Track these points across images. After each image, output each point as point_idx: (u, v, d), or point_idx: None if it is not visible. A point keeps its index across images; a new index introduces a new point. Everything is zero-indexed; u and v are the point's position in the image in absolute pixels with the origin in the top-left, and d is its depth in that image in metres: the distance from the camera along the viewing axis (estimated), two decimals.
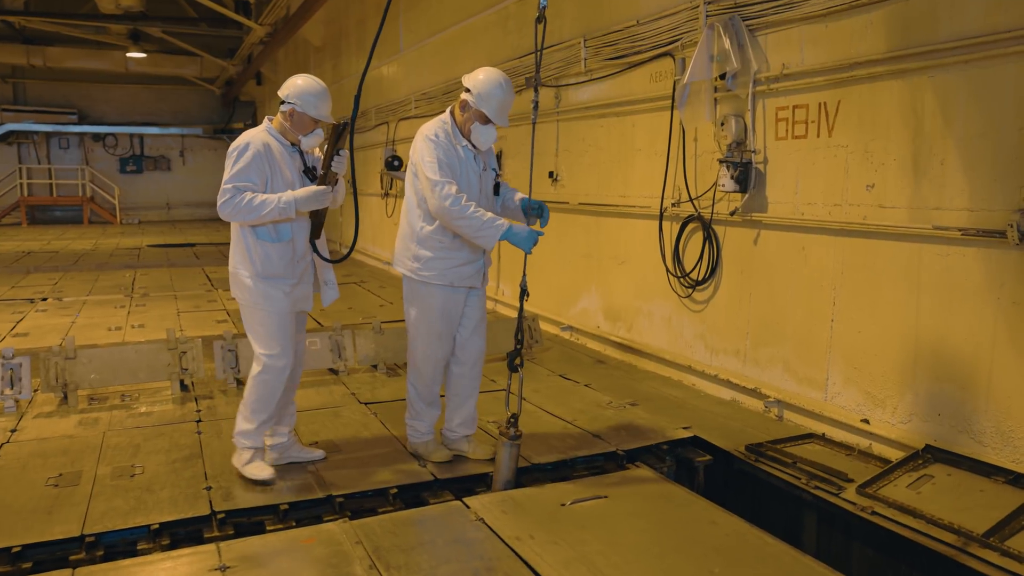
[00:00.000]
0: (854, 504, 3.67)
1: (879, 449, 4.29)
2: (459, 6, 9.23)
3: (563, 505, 3.67)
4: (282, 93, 3.94)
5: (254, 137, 3.84)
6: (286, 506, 3.73)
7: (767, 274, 5.06)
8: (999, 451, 3.76)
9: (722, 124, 5.14)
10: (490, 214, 3.86)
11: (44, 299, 9.54)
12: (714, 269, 5.45)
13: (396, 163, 10.93)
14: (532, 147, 4.27)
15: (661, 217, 5.84)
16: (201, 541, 3.51)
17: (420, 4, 10.49)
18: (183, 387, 5.65)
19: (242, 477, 4.00)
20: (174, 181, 24.83)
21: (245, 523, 3.70)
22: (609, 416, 5.01)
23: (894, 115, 4.17)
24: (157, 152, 24.65)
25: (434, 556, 3.21)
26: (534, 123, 4.05)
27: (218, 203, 3.75)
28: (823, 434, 4.58)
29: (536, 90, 4.02)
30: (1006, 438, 3.73)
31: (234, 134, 22.24)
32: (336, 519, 3.69)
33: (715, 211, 5.37)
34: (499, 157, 8.52)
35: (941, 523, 3.36)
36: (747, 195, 5.07)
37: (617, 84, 6.43)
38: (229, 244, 4.09)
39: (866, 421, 4.38)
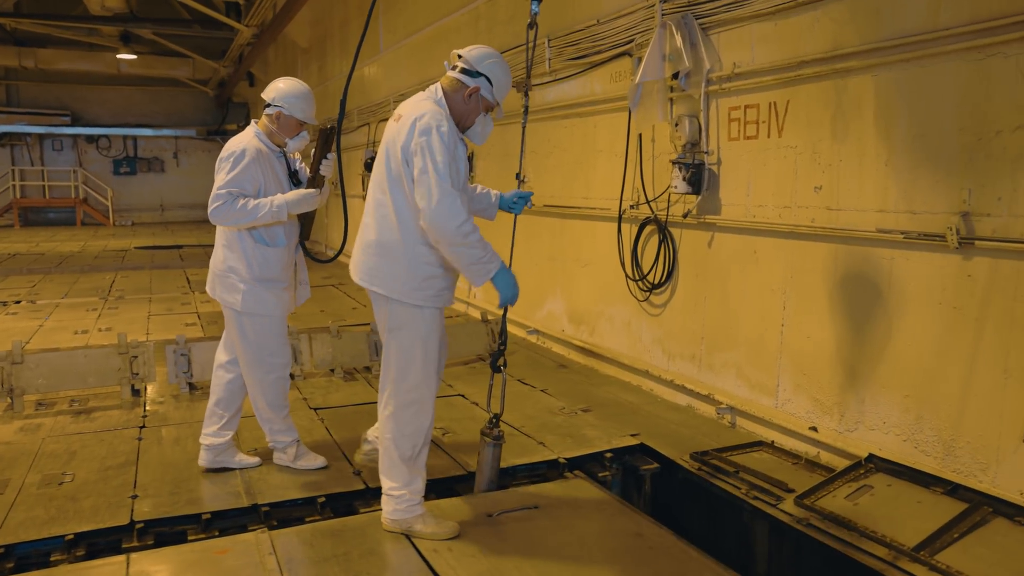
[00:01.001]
0: (791, 515, 3.56)
1: (827, 458, 4.18)
2: (433, 7, 9.15)
3: (490, 516, 3.57)
4: (267, 96, 3.94)
5: (247, 143, 3.87)
6: (208, 515, 3.64)
7: (721, 278, 4.95)
8: (941, 461, 3.65)
9: (676, 125, 5.04)
10: (489, 245, 3.20)
11: (17, 302, 9.48)
12: (671, 273, 5.35)
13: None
14: (522, 149, 4.09)
15: (620, 219, 5.74)
16: (120, 552, 3.43)
17: (398, 4, 10.42)
18: (134, 392, 5.57)
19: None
20: (168, 183, 24.81)
21: (167, 533, 3.60)
22: (558, 423, 4.91)
23: (840, 115, 4.07)
24: (151, 154, 24.63)
25: (345, 569, 3.12)
26: (524, 125, 3.93)
27: (210, 208, 3.79)
28: (772, 442, 4.47)
29: (527, 94, 3.95)
30: (947, 447, 3.62)
31: (227, 135, 22.22)
32: (261, 529, 3.61)
33: (670, 213, 5.27)
34: (471, 159, 8.46)
35: (874, 536, 3.26)
36: (700, 197, 4.97)
37: (579, 84, 6.33)
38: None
39: (814, 429, 4.28)
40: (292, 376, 5.90)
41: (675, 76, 4.99)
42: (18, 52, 19.98)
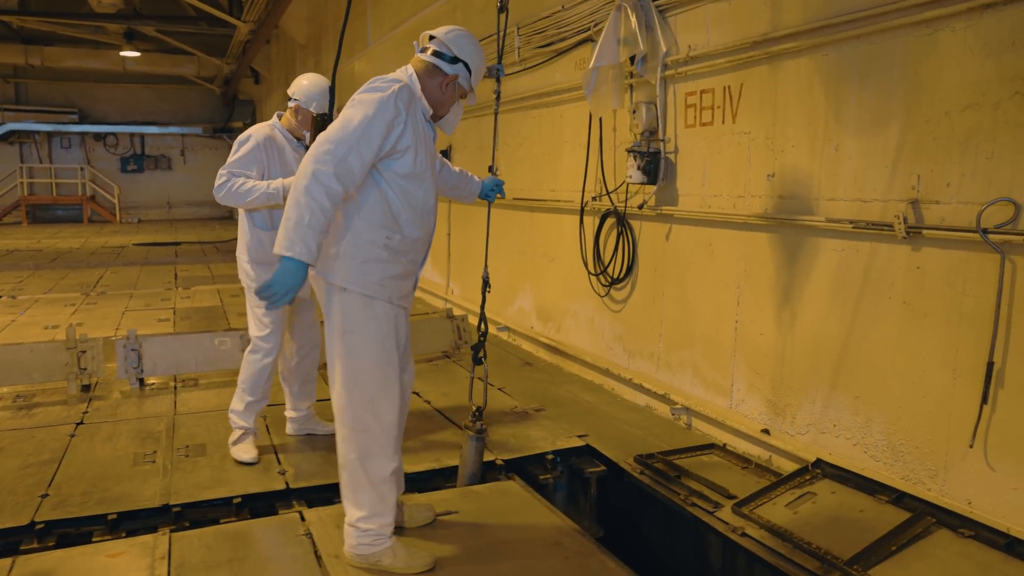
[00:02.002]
0: (726, 524, 3.33)
1: (778, 462, 3.94)
2: None
3: (400, 526, 3.37)
4: (290, 91, 4.17)
5: (257, 131, 4.10)
6: (114, 516, 3.48)
7: (679, 272, 4.72)
8: (890, 466, 3.40)
9: (634, 112, 4.82)
10: (318, 236, 2.66)
11: None
12: (631, 267, 5.13)
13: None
14: (495, 139, 3.93)
15: (582, 212, 5.52)
16: (18, 553, 3.28)
17: None
18: (85, 388, 5.45)
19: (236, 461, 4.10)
20: (175, 180, 24.86)
21: (73, 534, 3.45)
22: (507, 422, 4.70)
23: (791, 98, 3.83)
24: (158, 151, 24.70)
25: (237, 575, 2.94)
26: (496, 114, 3.76)
27: (214, 187, 4.01)
28: (724, 444, 4.23)
29: (498, 80, 3.75)
30: (896, 452, 3.37)
31: (233, 133, 22.26)
32: (174, 530, 3.44)
33: (629, 205, 5.04)
34: (448, 151, 8.28)
35: (808, 547, 3.02)
36: (657, 187, 4.74)
37: (546, 73, 6.12)
38: (216, 243, 4.11)
39: (766, 432, 4.04)
40: None
41: (632, 61, 4.76)
42: (25, 50, 20.08)
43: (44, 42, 20.16)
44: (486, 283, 3.76)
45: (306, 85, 4.11)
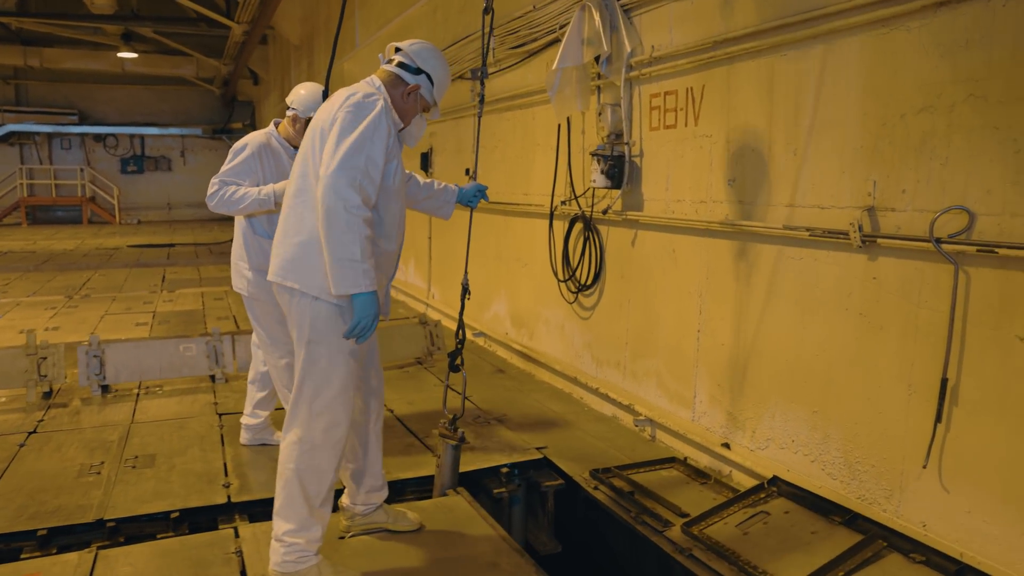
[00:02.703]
0: (673, 544, 3.20)
1: (739, 477, 3.80)
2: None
3: (341, 538, 3.25)
4: (288, 100, 4.14)
5: (253, 139, 4.06)
6: (44, 532, 3.37)
7: (643, 279, 4.58)
8: (847, 484, 3.25)
9: (600, 114, 4.68)
10: (371, 263, 2.70)
11: None
12: (598, 273, 4.99)
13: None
14: (477, 142, 3.80)
15: (551, 217, 5.39)
16: None
17: None
18: (47, 395, 5.36)
19: None
20: (175, 181, 24.82)
21: (2, 550, 3.35)
22: (466, 433, 4.56)
23: (751, 100, 3.69)
24: (158, 152, 24.68)
25: None
26: (479, 116, 3.74)
27: (207, 195, 3.99)
28: (686, 458, 4.09)
29: (482, 83, 3.72)
30: (853, 471, 3.22)
31: (233, 134, 22.24)
32: (105, 547, 3.33)
33: (596, 210, 4.91)
34: (428, 154, 8.16)
35: (754, 571, 2.88)
36: (622, 192, 4.60)
37: (519, 75, 5.99)
38: (211, 244, 4.02)
39: (727, 446, 3.90)
40: (213, 379, 5.71)
41: (598, 61, 4.63)
42: (24, 51, 20.11)
43: (43, 43, 20.19)
44: (466, 290, 3.65)
45: (304, 95, 4.07)
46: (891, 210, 3.00)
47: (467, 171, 7.16)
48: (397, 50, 3.01)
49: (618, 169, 4.52)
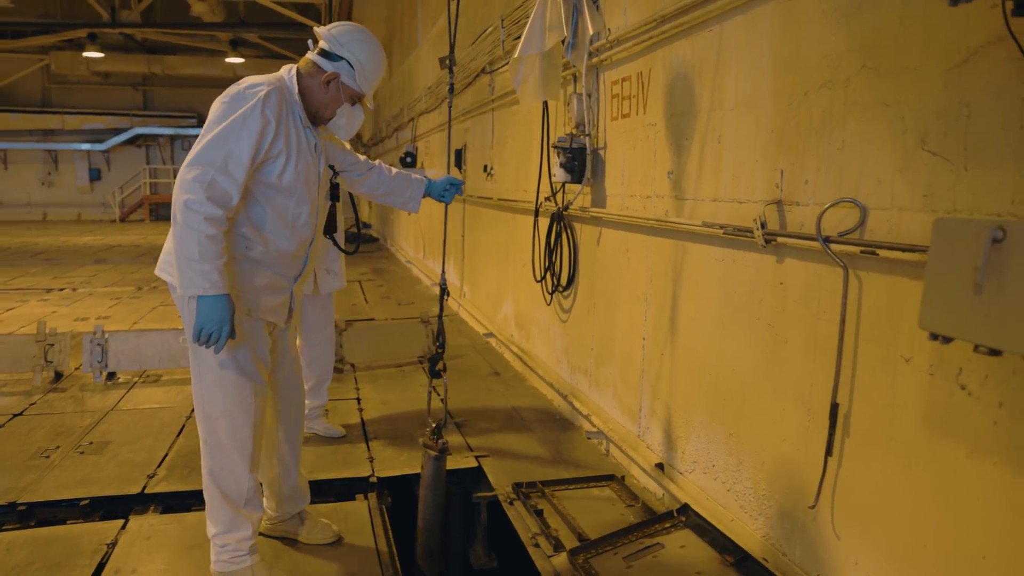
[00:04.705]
0: (555, 571, 2.90)
1: (670, 503, 3.42)
2: None
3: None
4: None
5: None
6: None
7: (605, 280, 4.25)
8: (755, 520, 2.84)
9: (568, 104, 4.39)
10: (217, 264, 2.46)
11: (59, 290, 10.06)
12: (572, 274, 4.68)
13: (408, 159, 10.67)
14: (449, 132, 3.81)
15: (536, 213, 5.12)
16: None
17: None
18: (58, 378, 5.62)
19: None
20: None
21: None
22: (412, 436, 4.39)
23: (684, 81, 3.31)
24: None
25: None
26: (450, 104, 3.97)
27: None
28: (623, 477, 3.74)
29: (451, 71, 3.59)
30: (761, 504, 2.80)
31: None
32: (14, 529, 3.39)
33: (574, 207, 4.60)
34: (462, 151, 8.02)
35: None
36: (589, 187, 4.28)
37: None
38: None
39: (660, 467, 3.52)
40: None
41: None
42: (148, 60, 21.63)
43: (165, 52, 21.63)
44: (443, 290, 3.52)
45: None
46: (796, 204, 2.58)
47: (484, 167, 6.98)
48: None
49: (577, 162, 4.21)
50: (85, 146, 23.55)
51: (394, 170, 3.27)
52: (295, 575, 2.88)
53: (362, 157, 3.23)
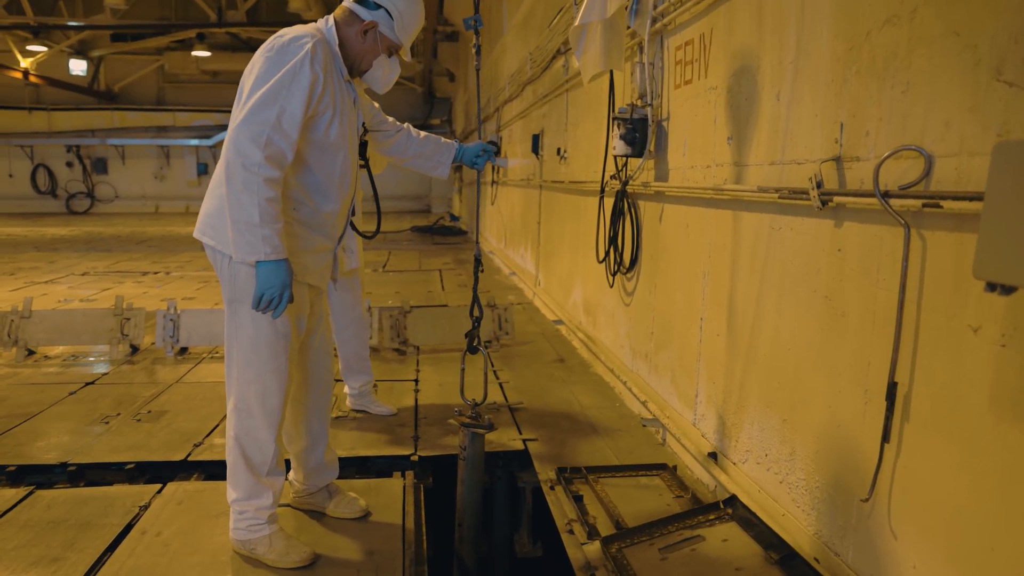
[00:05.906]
0: (585, 560, 2.70)
1: (722, 495, 3.15)
2: None
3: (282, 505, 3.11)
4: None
5: None
6: (13, 468, 3.57)
7: (667, 259, 3.99)
8: (807, 514, 2.55)
9: (632, 74, 4.16)
10: (278, 228, 2.43)
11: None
12: (636, 255, 4.44)
13: (494, 149, 10.59)
14: (479, 98, 3.70)
15: (602, 192, 4.89)
16: None
17: None
18: (134, 351, 5.81)
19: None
20: (382, 175, 26.37)
21: None
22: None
23: (745, 39, 3.04)
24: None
25: (37, 536, 2.86)
26: (478, 69, 3.47)
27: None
28: (675, 467, 3.49)
29: (477, 32, 3.37)
30: (813, 498, 2.51)
31: (432, 130, 23.19)
32: (42, 486, 3.46)
33: (635, 183, 4.36)
34: (540, 136, 7.87)
35: None
36: (644, 160, 4.04)
37: None
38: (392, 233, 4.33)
39: (713, 456, 3.25)
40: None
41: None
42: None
43: None
44: (478, 262, 3.37)
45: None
46: (855, 160, 2.29)
47: (557, 151, 6.78)
48: None
49: (639, 134, 3.97)
50: (194, 142, 24.69)
51: (423, 134, 3.14)
52: (314, 547, 2.78)
53: (390, 119, 3.12)
